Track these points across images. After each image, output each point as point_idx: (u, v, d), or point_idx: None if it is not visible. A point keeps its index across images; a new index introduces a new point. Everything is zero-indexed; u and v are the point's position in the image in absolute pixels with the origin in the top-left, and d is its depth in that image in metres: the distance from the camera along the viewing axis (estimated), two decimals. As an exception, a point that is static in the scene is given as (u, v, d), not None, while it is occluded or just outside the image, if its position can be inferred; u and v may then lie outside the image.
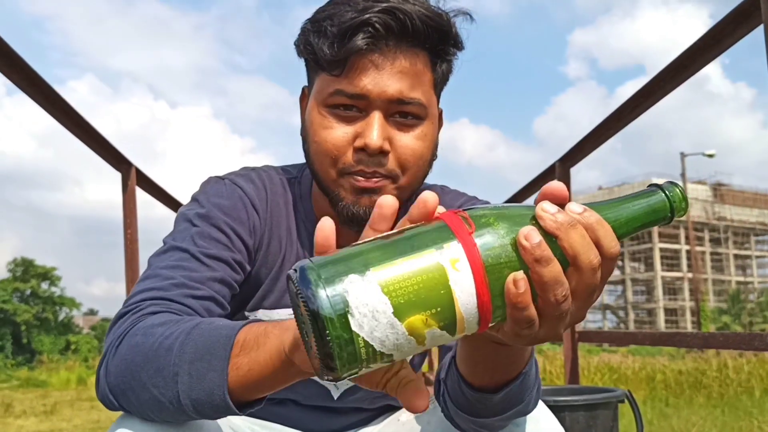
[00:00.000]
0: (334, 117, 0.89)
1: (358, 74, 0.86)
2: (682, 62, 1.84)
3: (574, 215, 0.53)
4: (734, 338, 1.60)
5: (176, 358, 0.69)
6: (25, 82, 1.88)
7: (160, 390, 0.69)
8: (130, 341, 0.73)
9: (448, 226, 0.52)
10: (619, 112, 2.29)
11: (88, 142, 2.41)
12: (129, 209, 2.70)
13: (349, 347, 0.48)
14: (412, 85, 0.88)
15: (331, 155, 0.89)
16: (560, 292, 0.52)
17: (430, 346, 0.52)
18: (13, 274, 22.71)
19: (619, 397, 1.64)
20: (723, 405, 8.17)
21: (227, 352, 0.67)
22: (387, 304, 0.49)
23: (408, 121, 0.89)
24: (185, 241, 0.88)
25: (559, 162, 2.85)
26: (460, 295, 0.50)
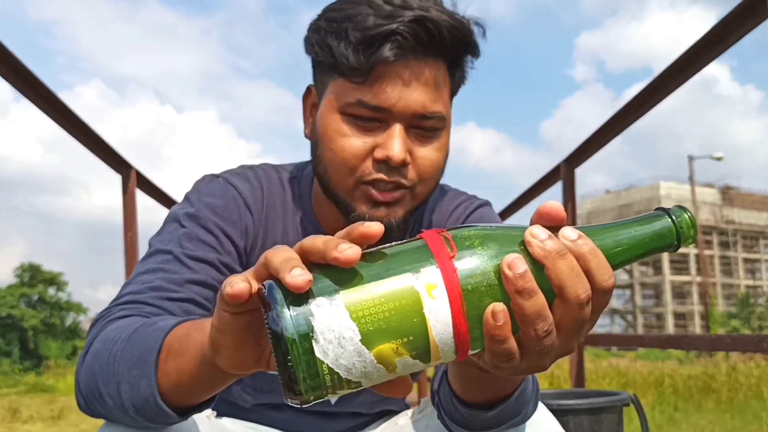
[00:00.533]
0: (353, 126, 0.86)
1: (382, 86, 0.83)
2: (688, 59, 1.81)
3: (567, 242, 0.49)
4: (741, 340, 1.57)
5: (118, 366, 0.67)
6: (21, 83, 1.87)
7: (113, 399, 0.68)
8: (93, 349, 0.72)
9: (428, 247, 0.49)
10: (624, 112, 2.26)
11: (87, 144, 2.41)
12: (129, 212, 2.69)
13: (312, 372, 0.46)
14: (435, 98, 0.86)
15: (349, 165, 0.86)
16: (542, 326, 0.48)
17: (402, 373, 0.49)
18: (21, 279, 22.79)
19: (624, 401, 1.61)
20: (732, 409, 8.12)
21: (155, 357, 0.64)
22: (355, 331, 0.46)
23: (427, 134, 0.88)
24: (171, 243, 0.86)
25: (565, 163, 2.82)
26: (435, 324, 0.47)
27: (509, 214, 3.76)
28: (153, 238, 0.89)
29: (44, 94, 2.02)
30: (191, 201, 0.91)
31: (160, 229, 0.90)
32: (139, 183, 2.82)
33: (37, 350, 21.25)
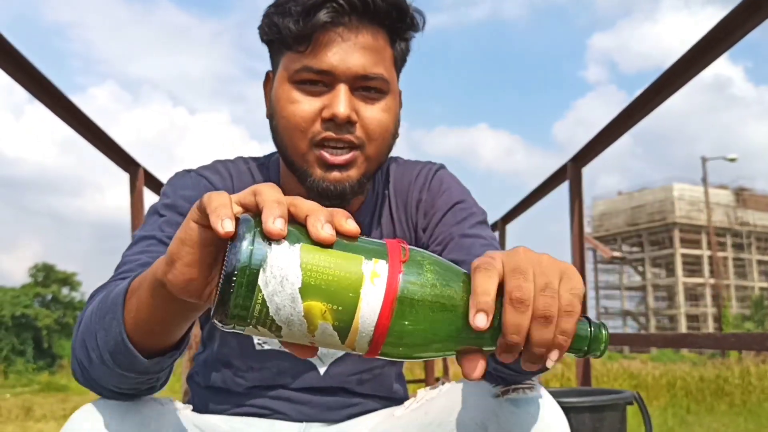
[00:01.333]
0: (301, 92, 0.93)
1: (323, 49, 0.91)
2: (693, 56, 1.81)
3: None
4: (746, 339, 1.56)
5: (96, 319, 0.71)
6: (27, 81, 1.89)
7: (94, 351, 0.71)
8: (81, 319, 0.77)
9: (386, 248, 0.55)
10: (631, 109, 2.25)
11: (94, 143, 2.43)
12: (137, 210, 2.73)
13: (247, 295, 0.50)
14: (375, 60, 0.93)
15: (299, 128, 0.92)
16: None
17: (318, 339, 0.53)
18: (35, 279, 22.98)
19: (627, 399, 1.60)
20: (745, 412, 8.07)
21: (122, 300, 0.68)
22: (298, 278, 0.50)
23: (372, 95, 0.94)
24: (152, 230, 0.93)
25: (571, 162, 2.81)
26: (365, 307, 0.52)
27: (517, 214, 3.75)
28: (137, 231, 0.96)
29: (51, 93, 2.05)
30: (167, 194, 0.99)
31: (142, 224, 0.97)
32: (147, 181, 2.85)
33: (50, 349, 21.41)
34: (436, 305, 0.54)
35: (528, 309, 0.54)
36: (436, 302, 0.54)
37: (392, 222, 1.05)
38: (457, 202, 1.04)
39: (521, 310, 0.54)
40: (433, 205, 1.04)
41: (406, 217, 1.06)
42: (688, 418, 7.63)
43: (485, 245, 0.97)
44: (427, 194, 1.05)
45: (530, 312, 0.54)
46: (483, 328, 0.53)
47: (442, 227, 1.02)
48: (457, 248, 0.98)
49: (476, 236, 0.99)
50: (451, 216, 1.02)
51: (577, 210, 2.77)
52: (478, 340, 0.56)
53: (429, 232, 1.03)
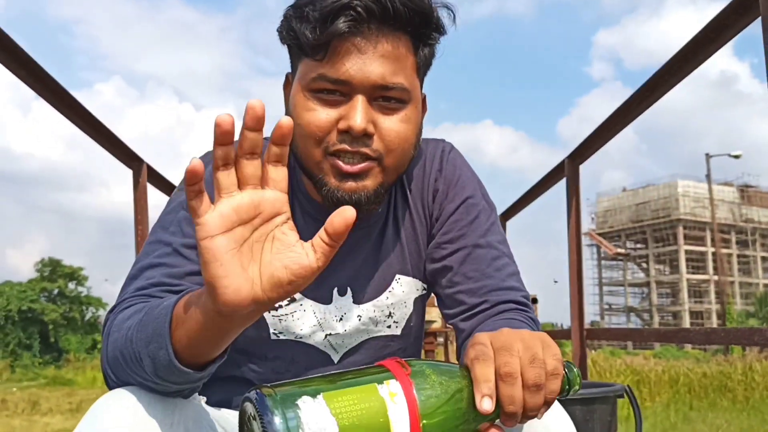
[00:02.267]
0: (318, 101, 0.90)
1: (340, 59, 0.87)
2: (685, 55, 1.82)
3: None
4: (735, 333, 1.58)
5: (136, 346, 0.73)
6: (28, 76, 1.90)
7: (139, 375, 0.74)
8: (110, 339, 0.79)
9: (388, 369, 0.62)
10: (626, 107, 2.26)
11: (97, 139, 2.44)
12: (140, 206, 2.73)
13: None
14: (395, 69, 0.89)
15: (315, 137, 0.89)
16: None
17: None
18: (41, 274, 23.05)
19: (618, 392, 1.62)
20: (748, 409, 8.06)
21: (167, 330, 0.70)
22: (334, 424, 0.56)
23: (391, 105, 0.90)
24: (172, 228, 0.92)
25: (569, 159, 2.82)
26: (396, 424, 0.59)
27: (516, 211, 3.76)
28: (156, 223, 0.95)
29: (54, 89, 2.05)
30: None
31: (163, 212, 0.95)
32: (150, 177, 2.85)
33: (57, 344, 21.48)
34: (450, 399, 0.62)
35: (517, 381, 0.63)
36: (448, 396, 0.62)
37: (409, 212, 1.04)
38: (469, 197, 1.03)
39: (511, 383, 0.63)
40: (447, 195, 1.03)
41: (422, 205, 1.04)
42: (691, 414, 7.63)
43: (495, 258, 1.00)
44: (443, 183, 1.04)
45: (520, 383, 0.63)
46: (490, 411, 0.62)
47: (454, 224, 1.01)
48: (470, 261, 0.99)
49: (488, 246, 1.00)
50: (464, 212, 1.02)
51: (575, 206, 2.78)
52: (486, 417, 0.65)
53: (440, 223, 1.03)
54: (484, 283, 0.97)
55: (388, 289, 1.03)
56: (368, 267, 1.02)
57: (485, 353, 0.65)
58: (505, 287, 0.98)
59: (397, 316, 1.04)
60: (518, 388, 0.63)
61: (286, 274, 0.63)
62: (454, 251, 1.00)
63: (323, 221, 0.99)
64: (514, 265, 1.02)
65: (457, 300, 0.99)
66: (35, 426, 6.99)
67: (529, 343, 0.66)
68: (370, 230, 1.02)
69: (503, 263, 1.00)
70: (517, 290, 0.98)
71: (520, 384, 0.63)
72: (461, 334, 0.99)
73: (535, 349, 0.65)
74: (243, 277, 0.62)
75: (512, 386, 0.63)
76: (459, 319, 0.98)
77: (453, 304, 1.00)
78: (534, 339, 0.67)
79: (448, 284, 1.00)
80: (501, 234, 1.05)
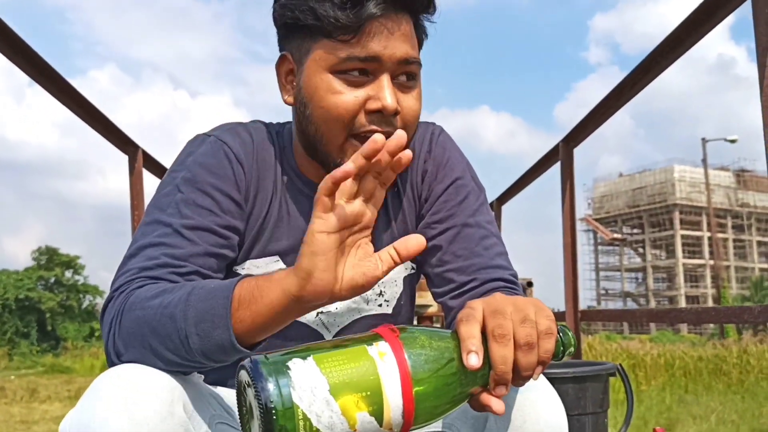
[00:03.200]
0: (344, 81, 0.90)
1: (369, 38, 0.89)
2: (678, 36, 1.83)
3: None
4: (725, 312, 1.60)
5: (181, 323, 0.76)
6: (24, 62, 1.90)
7: (174, 352, 0.77)
8: (130, 316, 0.80)
9: (378, 333, 0.64)
10: (620, 89, 2.27)
11: (93, 125, 2.44)
12: (136, 191, 2.73)
13: (289, 417, 0.56)
14: (413, 45, 0.93)
15: (343, 119, 0.90)
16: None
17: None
18: (38, 262, 23.05)
19: (610, 370, 1.64)
20: (743, 391, 8.12)
21: (228, 310, 0.74)
22: (324, 382, 0.57)
23: (408, 83, 0.93)
24: (169, 209, 0.91)
25: (563, 143, 2.83)
26: (386, 383, 0.60)
27: (511, 195, 3.77)
28: (151, 204, 0.94)
29: (49, 75, 2.05)
30: (185, 164, 0.95)
31: (158, 194, 0.95)
32: (146, 163, 2.84)
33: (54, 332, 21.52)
34: (439, 359, 0.63)
35: (510, 341, 0.64)
36: (438, 356, 0.63)
37: (398, 193, 1.06)
38: (458, 178, 1.04)
39: (503, 343, 0.64)
40: (436, 176, 1.04)
41: (411, 186, 1.06)
42: (686, 397, 7.69)
43: (484, 237, 1.01)
44: (432, 164, 1.05)
45: (512, 343, 0.64)
46: (476, 366, 0.63)
47: (443, 204, 1.03)
48: (459, 240, 1.01)
49: (477, 225, 1.01)
50: (453, 192, 1.03)
51: (569, 190, 2.79)
52: (478, 379, 0.65)
53: (429, 204, 1.04)
54: (473, 262, 0.99)
55: None
56: None
57: (471, 314, 0.67)
58: (494, 266, 0.99)
59: (388, 294, 1.06)
60: (510, 349, 0.64)
61: (363, 280, 0.71)
62: (443, 231, 1.02)
63: None
64: (502, 245, 1.04)
65: (446, 278, 1.00)
66: (34, 413, 7.01)
67: (521, 305, 0.67)
68: None
69: (491, 242, 1.01)
70: (505, 269, 1.00)
71: (512, 345, 0.64)
72: (450, 313, 1.00)
73: (527, 310, 0.67)
74: (334, 274, 0.69)
75: (504, 347, 0.64)
76: (448, 297, 1.00)
77: (442, 282, 1.01)
78: (526, 302, 0.68)
79: (437, 263, 1.01)
80: (489, 214, 1.06)
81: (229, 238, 0.94)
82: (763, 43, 1.40)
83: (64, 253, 23.55)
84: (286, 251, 1.00)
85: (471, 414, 0.85)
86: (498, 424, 0.81)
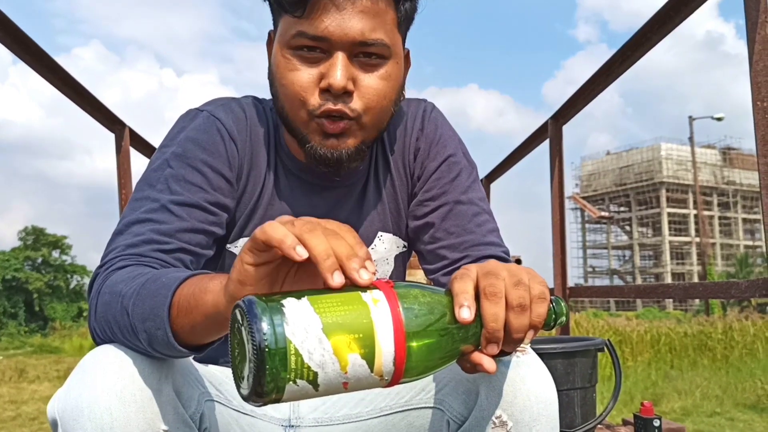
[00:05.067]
0: (298, 59, 0.90)
1: (319, 15, 0.87)
2: (667, 13, 1.83)
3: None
4: (713, 287, 1.61)
5: (132, 319, 0.74)
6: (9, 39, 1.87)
7: (133, 343, 0.75)
8: (102, 299, 0.79)
9: (373, 283, 0.63)
10: (609, 66, 2.27)
11: (79, 102, 2.41)
12: (123, 170, 2.71)
13: (281, 353, 0.55)
14: (374, 25, 0.88)
15: (299, 97, 0.90)
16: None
17: (350, 376, 0.59)
18: (24, 242, 22.94)
19: (598, 346, 1.66)
20: (727, 367, 8.24)
21: (167, 314, 0.71)
22: (318, 320, 0.57)
23: (372, 61, 0.90)
24: (159, 185, 0.90)
25: (552, 120, 2.83)
26: (379, 327, 0.59)
27: (501, 173, 3.78)
28: (141, 179, 0.93)
29: (34, 52, 2.02)
30: (177, 139, 0.94)
31: (148, 169, 0.94)
32: (133, 141, 2.82)
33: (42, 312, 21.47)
34: (432, 311, 0.63)
35: (501, 300, 0.64)
36: (431, 309, 0.63)
37: (390, 171, 1.05)
38: (450, 155, 1.04)
39: (495, 302, 0.64)
40: (428, 154, 1.04)
41: (403, 164, 1.05)
42: (672, 372, 7.80)
43: (476, 214, 1.01)
44: (424, 142, 1.05)
45: (503, 303, 0.65)
46: (468, 320, 0.63)
47: (435, 181, 1.03)
48: (452, 217, 1.01)
49: (469, 202, 1.02)
50: (446, 170, 1.03)
51: (558, 168, 2.80)
52: (470, 338, 0.65)
53: (422, 182, 1.04)
54: (465, 239, 0.99)
55: (371, 246, 1.05)
56: (351, 224, 1.03)
57: (465, 273, 0.67)
58: (486, 242, 1.00)
59: (380, 273, 1.06)
60: (501, 307, 0.65)
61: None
62: (435, 208, 1.02)
63: (305, 179, 1.02)
64: (494, 222, 1.04)
65: (439, 255, 1.01)
66: (23, 393, 7.01)
67: (515, 270, 0.68)
68: (351, 188, 1.03)
69: (483, 219, 1.02)
70: (497, 246, 1.00)
71: (503, 304, 0.65)
72: None
73: (520, 275, 0.67)
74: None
75: (496, 305, 0.64)
76: (440, 274, 1.00)
77: (434, 259, 1.01)
78: (520, 269, 0.69)
79: (430, 240, 1.02)
80: (481, 192, 1.06)
81: (218, 215, 0.93)
82: (752, 18, 1.40)
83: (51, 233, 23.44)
84: None
85: (462, 389, 0.85)
86: (489, 399, 0.82)
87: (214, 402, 0.90)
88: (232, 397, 0.95)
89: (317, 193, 1.02)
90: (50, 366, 10.02)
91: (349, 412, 0.97)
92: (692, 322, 12.97)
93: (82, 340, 14.59)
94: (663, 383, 6.82)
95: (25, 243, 22.89)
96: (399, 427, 0.93)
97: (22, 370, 9.05)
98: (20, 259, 21.96)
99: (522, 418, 0.81)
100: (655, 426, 1.66)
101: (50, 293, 22.03)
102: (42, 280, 21.68)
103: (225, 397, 0.94)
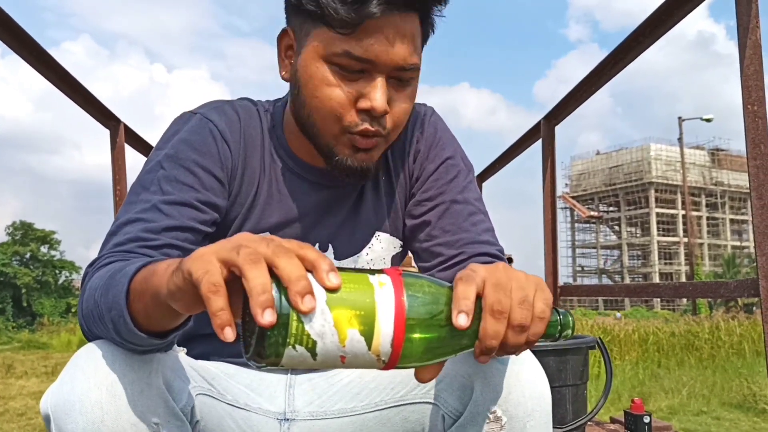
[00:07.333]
0: (337, 75, 0.90)
1: (369, 39, 0.88)
2: (660, 16, 1.85)
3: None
4: (702, 287, 1.64)
5: (101, 310, 0.75)
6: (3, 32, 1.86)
7: (106, 335, 0.76)
8: (86, 295, 0.80)
9: (384, 270, 0.65)
10: (601, 68, 2.29)
11: (73, 98, 2.39)
12: (118, 166, 2.68)
13: (284, 316, 0.57)
14: (412, 50, 0.91)
15: (335, 113, 0.91)
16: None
17: (348, 350, 0.60)
18: (12, 237, 22.78)
19: (590, 343, 1.69)
20: (714, 366, 8.31)
21: (125, 302, 0.71)
22: (323, 293, 0.59)
23: (403, 84, 0.94)
24: (152, 187, 0.92)
25: (544, 120, 2.84)
26: (381, 308, 0.61)
27: (492, 172, 3.80)
28: (135, 182, 0.95)
29: (28, 44, 2.00)
30: (171, 142, 0.96)
31: (142, 171, 0.95)
32: (128, 138, 2.80)
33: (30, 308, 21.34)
34: (435, 303, 0.64)
35: (505, 319, 0.64)
36: (434, 300, 0.64)
37: (388, 172, 1.08)
38: (449, 157, 1.07)
39: (500, 320, 0.64)
40: (428, 156, 1.07)
41: (402, 166, 1.08)
42: (659, 371, 7.86)
43: (472, 213, 1.03)
44: (423, 144, 1.07)
45: (506, 321, 0.64)
46: (464, 327, 0.63)
47: (433, 182, 1.05)
48: (448, 216, 1.03)
49: (465, 202, 1.04)
50: (444, 171, 1.06)
51: (550, 167, 2.82)
52: (465, 338, 0.66)
53: (420, 182, 1.06)
54: (461, 237, 1.01)
55: (368, 245, 1.07)
56: (349, 224, 1.06)
57: (471, 276, 0.66)
58: (481, 241, 1.02)
59: None
60: (503, 325, 0.64)
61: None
62: (432, 207, 1.04)
63: (308, 178, 1.03)
64: (489, 221, 1.06)
65: (435, 252, 1.03)
66: (11, 388, 6.98)
67: (523, 284, 0.67)
68: (351, 188, 1.05)
69: (479, 219, 1.04)
70: (491, 244, 1.03)
71: (506, 322, 0.64)
72: None
73: (527, 290, 0.66)
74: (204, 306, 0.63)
75: (499, 323, 0.64)
76: (436, 270, 1.02)
77: (430, 257, 1.03)
78: (529, 281, 0.68)
79: (425, 238, 1.04)
80: (477, 192, 1.09)
81: (209, 213, 0.94)
82: (744, 23, 1.43)
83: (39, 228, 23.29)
84: (276, 227, 1.01)
85: (457, 385, 0.86)
86: (484, 395, 0.83)
87: (206, 396, 0.91)
88: (225, 391, 0.96)
89: (317, 192, 1.04)
90: (38, 362, 9.98)
91: (344, 406, 0.97)
92: (679, 322, 13.06)
93: (70, 336, 14.52)
94: (650, 382, 6.87)
95: (13, 238, 22.73)
96: (394, 422, 0.94)
97: (9, 366, 9.01)
98: (8, 254, 21.82)
99: (516, 413, 0.82)
100: (645, 423, 1.69)
101: (38, 289, 21.90)
102: (30, 276, 21.55)
103: (218, 391, 0.95)
